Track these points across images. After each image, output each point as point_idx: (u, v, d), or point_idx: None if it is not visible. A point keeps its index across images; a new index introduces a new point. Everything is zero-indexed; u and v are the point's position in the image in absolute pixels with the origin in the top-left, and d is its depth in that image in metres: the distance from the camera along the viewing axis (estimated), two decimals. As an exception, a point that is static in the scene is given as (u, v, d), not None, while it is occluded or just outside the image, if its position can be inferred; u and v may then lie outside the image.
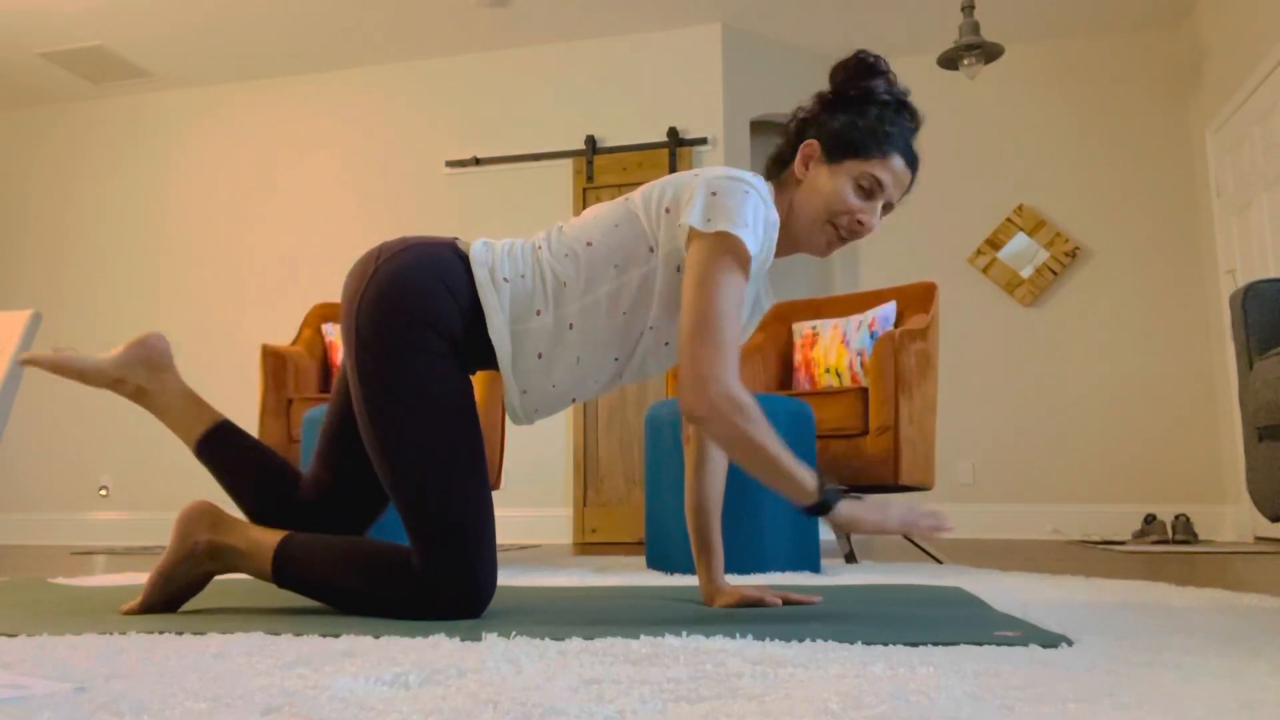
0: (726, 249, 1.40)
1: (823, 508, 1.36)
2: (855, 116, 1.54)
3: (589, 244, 1.52)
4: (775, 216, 1.50)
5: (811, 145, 1.55)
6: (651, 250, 1.50)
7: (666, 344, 1.55)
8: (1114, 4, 5.27)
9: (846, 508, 1.36)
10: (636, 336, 1.53)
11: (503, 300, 1.50)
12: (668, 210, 1.49)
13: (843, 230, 1.54)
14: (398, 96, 5.92)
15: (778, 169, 1.60)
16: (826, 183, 1.53)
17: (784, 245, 1.60)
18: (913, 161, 1.55)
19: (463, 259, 1.54)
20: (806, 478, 1.36)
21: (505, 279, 1.52)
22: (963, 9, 4.79)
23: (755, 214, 1.44)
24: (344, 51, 5.80)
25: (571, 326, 1.51)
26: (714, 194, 1.44)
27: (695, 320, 1.38)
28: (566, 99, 5.66)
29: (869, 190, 1.52)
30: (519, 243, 1.58)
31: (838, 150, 1.53)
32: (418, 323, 1.47)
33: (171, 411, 1.68)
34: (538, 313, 1.51)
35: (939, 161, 5.70)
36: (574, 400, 1.58)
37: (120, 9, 5.25)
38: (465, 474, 1.46)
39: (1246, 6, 4.63)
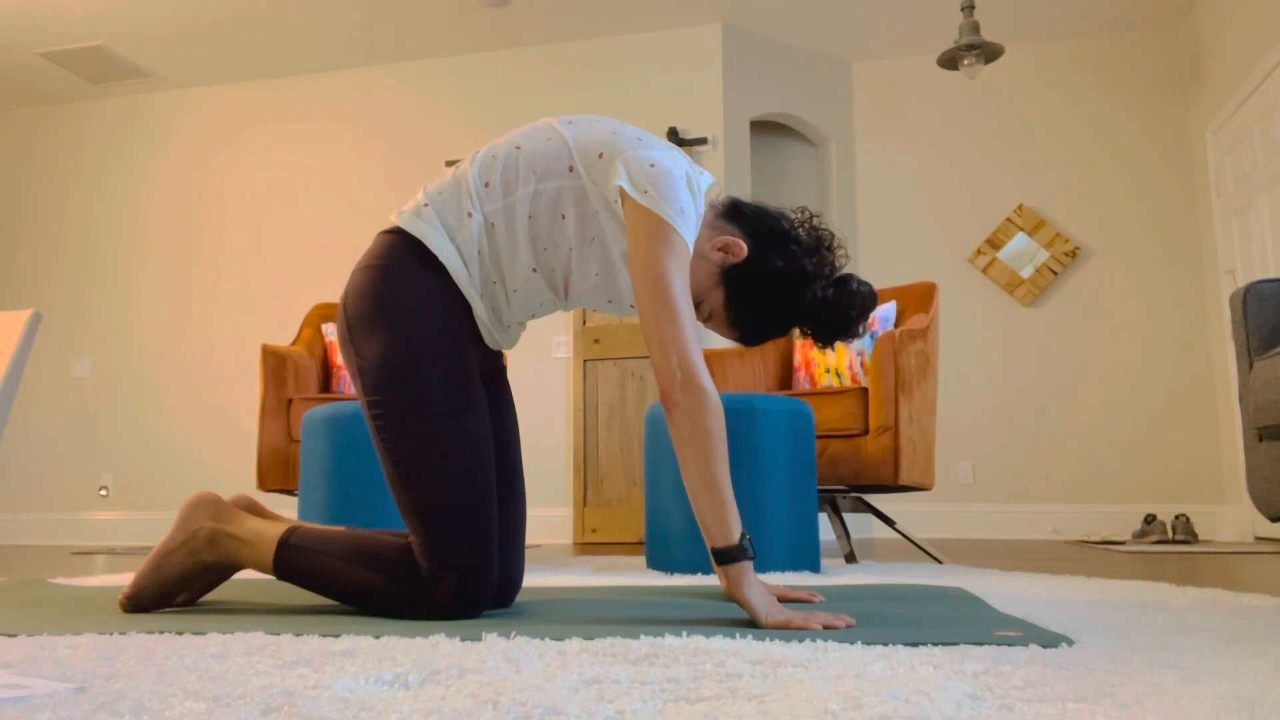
0: (668, 237, 1.42)
1: (735, 553, 1.36)
2: (786, 300, 1.52)
3: (518, 147, 1.55)
4: (702, 210, 1.52)
5: (740, 251, 1.52)
6: (571, 170, 1.51)
7: (597, 274, 1.55)
8: (1114, 4, 5.27)
9: (749, 573, 1.36)
10: (542, 250, 1.53)
11: (431, 223, 1.54)
12: (601, 156, 1.50)
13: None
14: (398, 96, 5.92)
15: (730, 214, 1.57)
16: (699, 278, 1.54)
17: None
18: (745, 344, 1.59)
19: (394, 233, 1.57)
20: (736, 518, 1.38)
21: (425, 204, 1.56)
22: (963, 9, 4.79)
23: (687, 205, 1.46)
24: (344, 51, 5.80)
25: (494, 226, 1.53)
26: (652, 166, 1.46)
27: (657, 313, 1.40)
28: (567, 99, 5.66)
29: (699, 313, 1.57)
30: (434, 180, 1.61)
31: (735, 280, 1.53)
32: (397, 302, 1.50)
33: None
34: (469, 215, 1.53)
35: (939, 161, 5.71)
36: (511, 304, 1.57)
37: (120, 9, 5.25)
38: (467, 471, 1.46)
39: (1246, 6, 4.63)
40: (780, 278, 1.52)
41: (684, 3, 5.27)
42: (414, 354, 1.48)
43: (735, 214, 1.57)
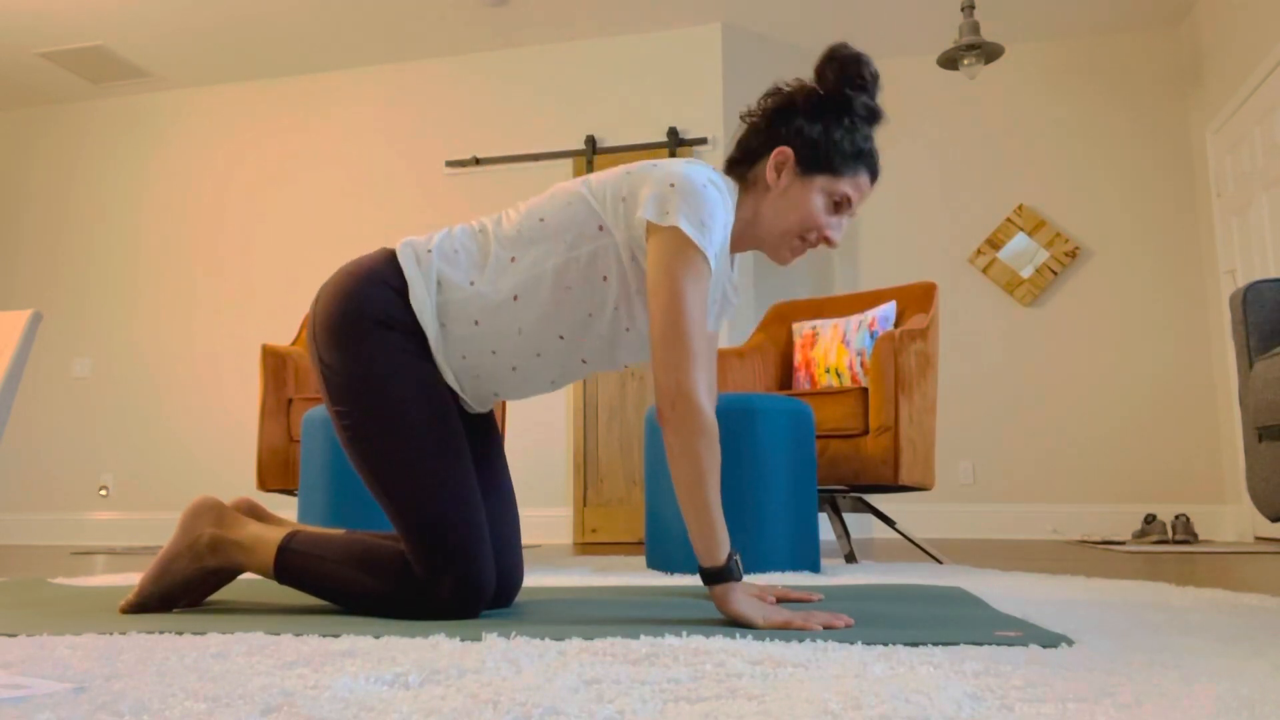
0: (686, 252, 1.39)
1: (720, 575, 1.35)
2: (832, 127, 1.50)
3: (541, 219, 1.52)
4: (731, 216, 1.49)
5: (785, 153, 1.51)
6: (602, 229, 1.48)
7: (628, 329, 1.53)
8: (1114, 4, 5.27)
9: (736, 590, 1.35)
10: (584, 316, 1.50)
11: (427, 272, 1.52)
12: (624, 199, 1.48)
13: (810, 243, 1.54)
14: (398, 96, 5.92)
15: (744, 166, 1.56)
16: (799, 196, 1.51)
17: (745, 244, 1.58)
18: (877, 175, 1.55)
19: (391, 255, 1.56)
20: (724, 539, 1.36)
21: (429, 251, 1.53)
22: (963, 9, 4.79)
23: (713, 214, 1.42)
24: (344, 51, 5.80)
25: (516, 298, 1.50)
26: (672, 186, 1.43)
27: (665, 329, 1.38)
28: (566, 99, 5.66)
29: (839, 206, 1.52)
30: (458, 226, 1.59)
31: (812, 163, 1.50)
32: (367, 321, 1.49)
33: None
34: (471, 283, 1.51)
35: (939, 161, 5.70)
36: (517, 372, 1.54)
37: (120, 9, 5.25)
38: (447, 475, 1.46)
39: (1246, 6, 4.63)
40: (831, 123, 1.50)
41: (684, 3, 5.27)
42: (377, 362, 1.48)
43: (745, 155, 1.55)
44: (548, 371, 1.56)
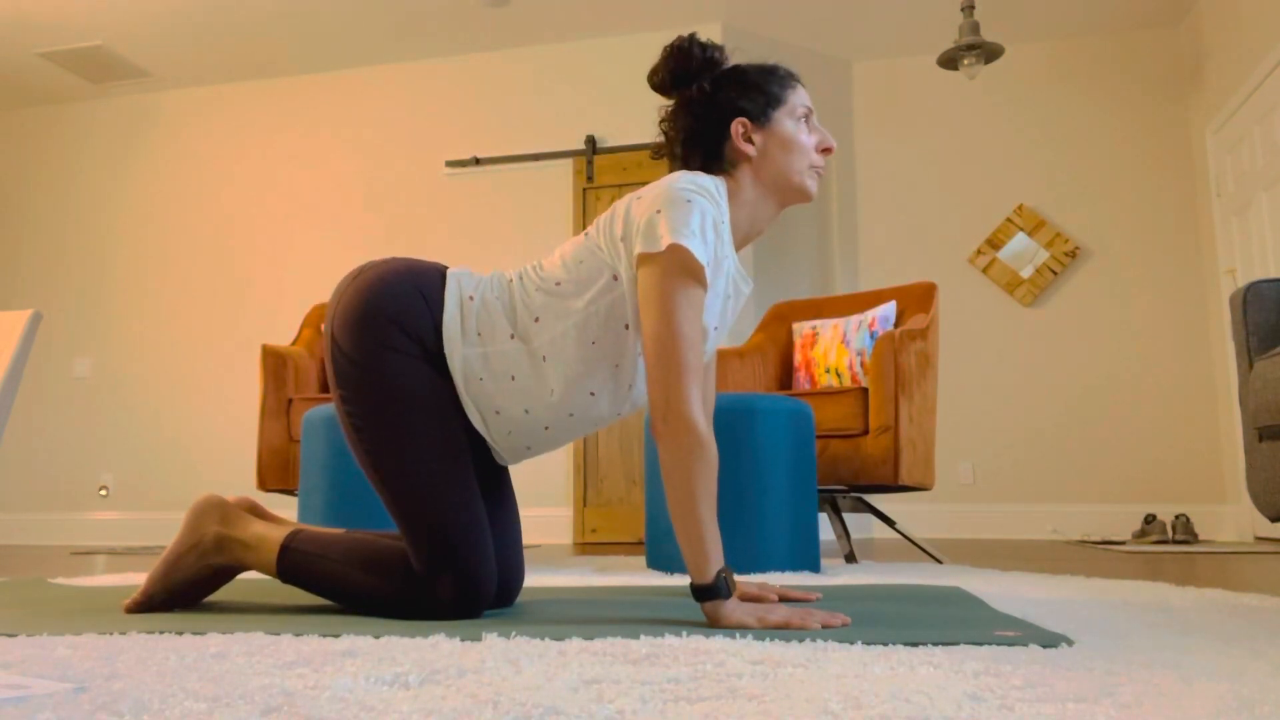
0: (676, 264, 1.39)
1: (708, 592, 1.34)
2: (740, 78, 1.59)
3: (558, 284, 1.52)
4: (726, 213, 1.51)
5: (741, 122, 1.56)
6: (616, 278, 1.49)
7: None
8: (1114, 4, 5.27)
9: (725, 606, 1.33)
10: (612, 368, 1.51)
11: (466, 315, 1.52)
12: (623, 240, 1.48)
13: (820, 163, 1.60)
14: (398, 96, 5.92)
15: (716, 159, 1.58)
16: (778, 140, 1.56)
17: (765, 215, 1.60)
18: (798, 76, 1.65)
19: (445, 278, 1.56)
20: (714, 556, 1.35)
21: (470, 296, 1.53)
22: (963, 9, 4.79)
23: (703, 219, 1.43)
24: (344, 51, 5.80)
25: (545, 359, 1.50)
26: (658, 212, 1.43)
27: (656, 345, 1.38)
28: (566, 99, 5.66)
29: (808, 118, 1.60)
30: (499, 273, 1.60)
31: (763, 109, 1.57)
32: (389, 321, 1.49)
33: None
34: (511, 337, 1.51)
35: (939, 161, 5.71)
36: (550, 431, 1.55)
37: (120, 9, 5.25)
38: (449, 474, 1.46)
39: (1246, 6, 4.63)
40: (735, 78, 1.59)
41: (684, 3, 5.27)
42: (386, 358, 1.48)
43: (708, 154, 1.58)
44: (581, 427, 1.57)
